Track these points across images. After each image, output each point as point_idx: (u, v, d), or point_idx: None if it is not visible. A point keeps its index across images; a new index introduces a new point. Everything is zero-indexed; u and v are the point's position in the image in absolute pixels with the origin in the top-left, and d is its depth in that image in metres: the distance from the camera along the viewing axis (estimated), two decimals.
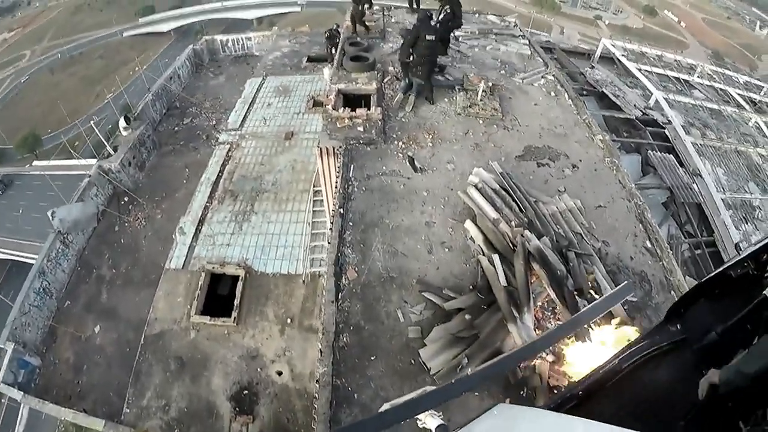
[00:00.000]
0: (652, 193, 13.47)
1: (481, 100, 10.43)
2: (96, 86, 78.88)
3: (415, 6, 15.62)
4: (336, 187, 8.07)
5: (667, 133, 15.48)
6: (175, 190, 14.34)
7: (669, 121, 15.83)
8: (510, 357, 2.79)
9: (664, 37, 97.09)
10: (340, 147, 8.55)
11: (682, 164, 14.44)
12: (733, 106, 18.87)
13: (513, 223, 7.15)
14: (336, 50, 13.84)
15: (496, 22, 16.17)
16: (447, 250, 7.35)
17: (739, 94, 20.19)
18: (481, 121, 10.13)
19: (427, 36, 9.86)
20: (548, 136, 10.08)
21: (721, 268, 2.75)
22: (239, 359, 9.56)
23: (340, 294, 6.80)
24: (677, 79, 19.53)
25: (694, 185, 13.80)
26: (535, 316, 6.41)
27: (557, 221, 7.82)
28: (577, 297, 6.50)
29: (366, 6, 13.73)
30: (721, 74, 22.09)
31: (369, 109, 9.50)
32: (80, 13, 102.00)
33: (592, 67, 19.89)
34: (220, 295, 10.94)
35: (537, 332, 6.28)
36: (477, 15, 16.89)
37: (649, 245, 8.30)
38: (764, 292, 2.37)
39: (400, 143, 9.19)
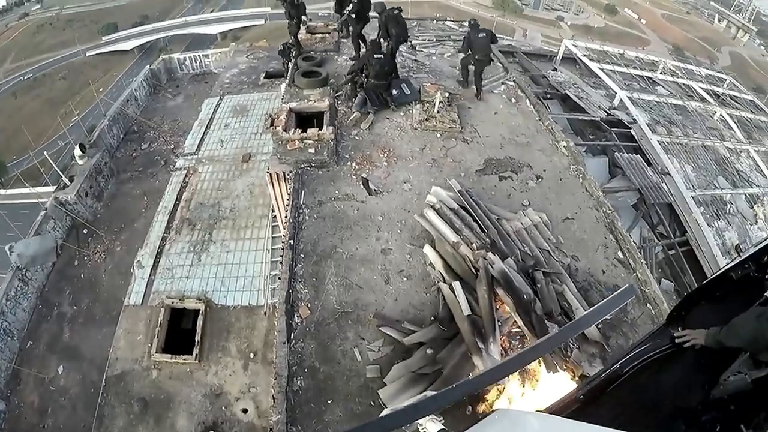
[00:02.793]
0: (621, 196, 13.14)
1: (438, 112, 10.04)
2: (60, 108, 77.20)
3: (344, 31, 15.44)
4: (287, 211, 7.57)
5: (633, 132, 15.16)
6: (134, 220, 13.66)
7: (634, 120, 15.51)
8: (514, 360, 2.66)
9: (625, 35, 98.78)
10: (291, 172, 8.04)
11: (650, 164, 14.12)
12: (697, 101, 18.78)
13: (474, 245, 6.70)
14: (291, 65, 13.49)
15: (455, 27, 15.95)
16: (405, 278, 6.88)
17: (702, 88, 20.16)
18: (438, 135, 9.75)
19: (375, 54, 9.84)
20: (510, 146, 9.72)
21: (721, 270, 2.85)
22: (203, 398, 9.08)
23: (292, 334, 6.31)
24: (640, 77, 19.40)
25: (663, 184, 13.46)
26: (502, 345, 5.95)
27: (522, 239, 7.39)
28: (546, 321, 6.07)
29: (301, 20, 13.62)
30: (683, 69, 22.10)
31: (321, 128, 9.02)
32: (42, 32, 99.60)
33: (555, 69, 19.63)
34: (184, 329, 10.44)
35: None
36: (435, 21, 16.57)
37: (621, 256, 7.95)
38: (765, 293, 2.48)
39: (354, 164, 8.75)
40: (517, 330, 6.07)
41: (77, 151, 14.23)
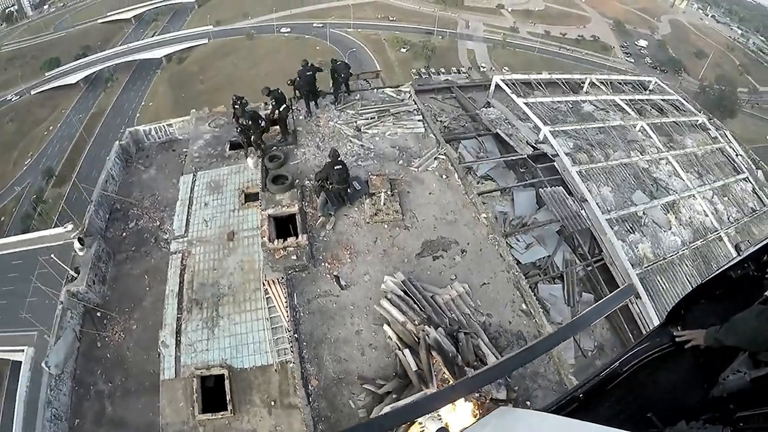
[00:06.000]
0: (546, 228, 17.03)
1: (384, 204, 14.06)
2: (12, 152, 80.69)
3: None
4: (287, 311, 11.84)
5: (556, 165, 19.00)
6: (141, 299, 16.23)
7: (557, 153, 19.21)
8: (513, 359, 2.81)
9: (565, 15, 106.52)
10: (282, 278, 12.31)
11: (571, 193, 17.86)
12: (618, 118, 22.89)
13: (416, 321, 11.00)
14: (248, 141, 17.00)
15: (393, 95, 19.70)
16: (374, 350, 11.17)
17: (624, 101, 24.38)
18: (386, 226, 13.75)
19: (335, 166, 13.58)
20: (441, 225, 13.84)
21: (721, 269, 2.94)
22: None
23: (309, 398, 10.58)
24: (566, 102, 23.45)
25: (583, 212, 17.18)
26: (438, 388, 10.37)
27: (450, 308, 11.65)
28: (465, 368, 10.46)
29: (262, 130, 16.75)
30: (608, 82, 26.56)
31: (297, 236, 13.07)
32: None
33: (488, 104, 23.61)
34: (208, 387, 13.21)
35: None
36: (375, 90, 20.26)
37: (524, 307, 12.05)
38: (765, 293, 2.66)
39: (326, 264, 12.83)
40: (447, 376, 10.47)
41: (77, 245, 16.35)
